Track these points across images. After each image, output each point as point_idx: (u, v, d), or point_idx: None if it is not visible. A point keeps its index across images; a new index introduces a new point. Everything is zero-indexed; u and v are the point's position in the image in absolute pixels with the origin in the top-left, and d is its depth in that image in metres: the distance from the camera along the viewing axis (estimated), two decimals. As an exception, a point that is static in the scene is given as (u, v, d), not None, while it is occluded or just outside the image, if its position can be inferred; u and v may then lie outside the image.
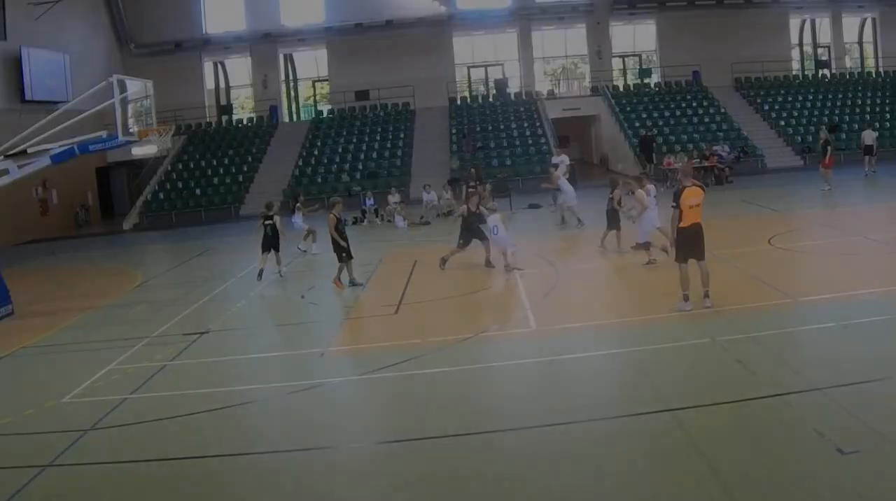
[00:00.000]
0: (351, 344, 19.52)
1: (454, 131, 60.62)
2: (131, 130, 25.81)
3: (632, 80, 68.82)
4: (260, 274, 27.44)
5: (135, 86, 26.63)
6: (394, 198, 41.96)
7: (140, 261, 38.63)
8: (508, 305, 21.59)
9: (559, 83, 72.78)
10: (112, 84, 25.19)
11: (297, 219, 33.61)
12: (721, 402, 12.85)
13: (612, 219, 27.68)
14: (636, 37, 70.64)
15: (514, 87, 68.07)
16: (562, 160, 40.39)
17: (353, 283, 25.21)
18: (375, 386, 15.96)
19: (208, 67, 70.84)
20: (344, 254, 24.95)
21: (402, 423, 13.67)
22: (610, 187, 28.45)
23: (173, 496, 11.57)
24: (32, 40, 53.00)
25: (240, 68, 72.06)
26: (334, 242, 24.95)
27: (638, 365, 15.13)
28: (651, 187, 26.91)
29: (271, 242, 27.83)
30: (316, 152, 60.54)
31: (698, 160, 47.14)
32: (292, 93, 72.52)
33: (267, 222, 27.74)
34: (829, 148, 40.01)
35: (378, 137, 61.68)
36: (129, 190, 63.97)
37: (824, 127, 47.53)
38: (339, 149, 60.47)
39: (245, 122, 68.34)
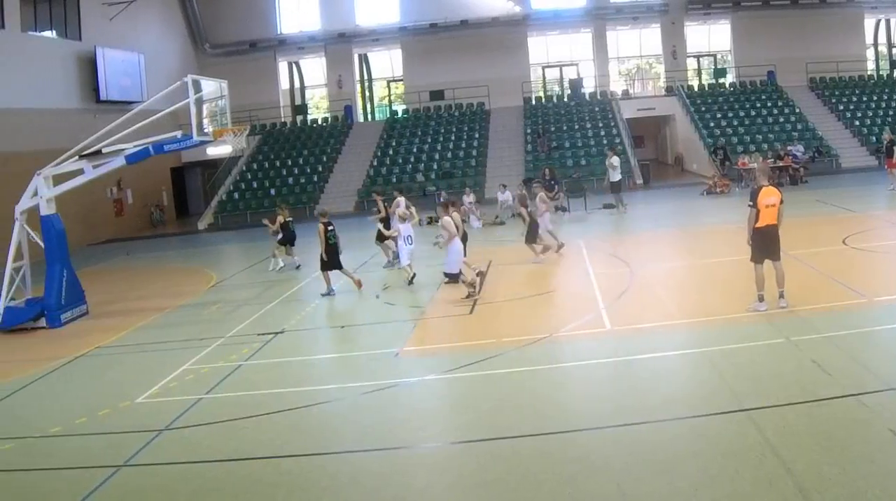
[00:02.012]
0: (425, 344, 19.46)
1: (529, 131, 60.58)
2: (206, 130, 25.90)
3: (706, 79, 68.61)
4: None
5: (209, 86, 26.73)
6: (468, 197, 41.69)
7: (215, 261, 38.83)
8: (583, 305, 21.24)
9: (634, 83, 72.74)
10: (187, 84, 25.24)
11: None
12: (796, 402, 12.64)
13: (531, 232, 27.97)
14: (711, 37, 70.18)
15: (588, 87, 67.87)
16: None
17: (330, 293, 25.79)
18: (450, 385, 15.94)
19: (283, 67, 71.37)
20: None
21: (476, 423, 13.56)
22: (520, 203, 28.63)
23: (247, 496, 11.54)
24: (107, 40, 53.68)
25: (314, 68, 72.59)
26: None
27: (712, 366, 14.92)
28: (542, 194, 27.42)
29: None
30: (391, 152, 60.70)
31: (773, 160, 46.60)
32: (367, 93, 72.85)
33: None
34: (894, 148, 39.54)
35: (453, 137, 61.77)
36: (204, 189, 64.46)
37: (888, 128, 46.91)
38: (414, 149, 60.61)
39: (320, 122, 68.70)
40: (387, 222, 29.57)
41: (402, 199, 29.52)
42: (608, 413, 13.34)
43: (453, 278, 23.72)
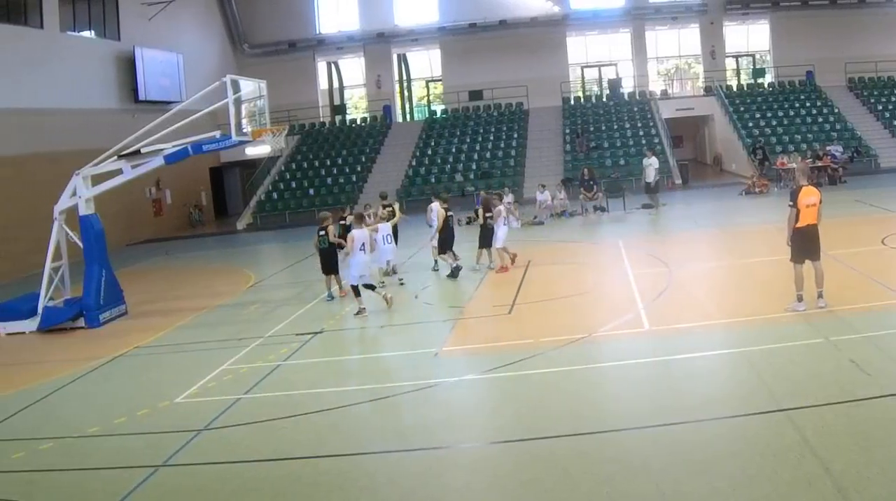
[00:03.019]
0: (464, 344, 19.42)
1: (567, 131, 60.48)
2: (245, 130, 25.95)
3: (745, 79, 68.05)
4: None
5: (248, 86, 26.80)
6: (507, 198, 41.66)
7: (253, 261, 38.89)
8: (621, 305, 21.19)
9: (672, 83, 72.67)
10: (225, 84, 25.36)
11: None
12: (834, 402, 12.58)
13: (485, 237, 27.98)
14: (749, 36, 69.85)
15: (627, 87, 67.73)
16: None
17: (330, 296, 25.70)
18: (489, 386, 15.94)
19: (322, 67, 71.53)
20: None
21: (514, 423, 13.57)
22: (482, 207, 28.44)
23: (286, 496, 11.56)
24: (146, 40, 53.95)
25: (353, 68, 72.65)
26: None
27: (750, 366, 14.88)
28: (500, 208, 27.38)
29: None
30: (429, 152, 60.73)
31: (812, 160, 46.25)
32: (406, 93, 72.94)
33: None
34: None
35: (491, 137, 61.69)
36: (243, 190, 64.67)
37: None
38: (453, 149, 60.61)
39: (358, 122, 68.79)
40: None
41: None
42: (647, 413, 13.32)
43: (355, 290, 23.31)
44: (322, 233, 25.54)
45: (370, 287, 23.32)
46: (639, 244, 30.71)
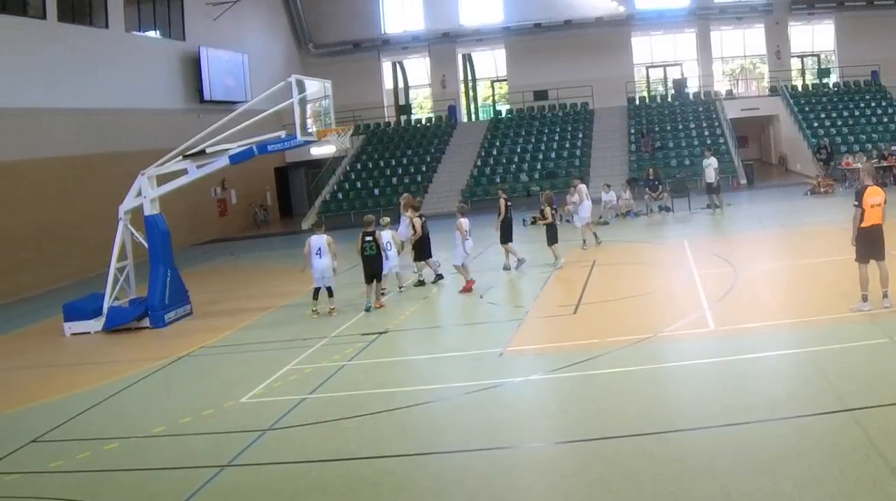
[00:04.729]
0: (529, 344, 19.33)
1: (633, 131, 60.24)
2: (310, 130, 25.95)
3: (810, 79, 67.55)
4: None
5: (313, 86, 26.79)
6: (572, 198, 41.50)
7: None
8: (687, 305, 21.12)
9: (738, 83, 72.14)
10: (290, 84, 25.36)
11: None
12: (900, 402, 12.46)
13: (552, 235, 28.49)
14: (815, 36, 69.14)
15: (692, 87, 67.37)
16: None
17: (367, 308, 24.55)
18: (554, 385, 15.90)
19: (387, 67, 71.52)
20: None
21: (580, 423, 13.55)
22: (546, 204, 28.81)
23: (350, 495, 11.57)
24: (211, 41, 54.29)
25: (418, 68, 72.64)
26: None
27: (816, 366, 14.75)
28: (464, 220, 26.74)
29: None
30: (495, 152, 60.57)
31: (877, 160, 45.76)
32: (471, 93, 72.74)
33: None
34: None
35: (556, 137, 61.51)
36: (308, 189, 64.90)
37: None
38: (518, 149, 60.32)
39: (423, 122, 68.87)
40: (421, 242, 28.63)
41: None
42: (712, 413, 13.28)
43: (316, 293, 24.13)
44: (369, 238, 24.64)
45: (328, 290, 24.27)
46: (704, 244, 30.65)
